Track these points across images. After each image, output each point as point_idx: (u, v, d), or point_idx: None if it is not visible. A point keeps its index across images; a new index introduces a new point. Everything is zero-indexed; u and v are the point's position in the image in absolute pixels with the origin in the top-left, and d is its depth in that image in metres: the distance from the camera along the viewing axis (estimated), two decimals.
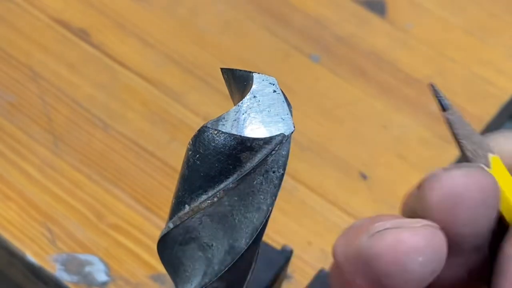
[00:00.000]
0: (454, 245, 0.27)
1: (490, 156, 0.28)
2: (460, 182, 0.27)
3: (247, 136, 0.29)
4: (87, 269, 0.51)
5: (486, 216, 0.27)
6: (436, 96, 0.28)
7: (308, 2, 0.68)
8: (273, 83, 0.30)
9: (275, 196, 0.29)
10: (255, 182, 0.29)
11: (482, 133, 0.62)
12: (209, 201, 0.29)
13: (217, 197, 0.29)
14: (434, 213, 0.27)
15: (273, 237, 0.54)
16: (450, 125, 0.28)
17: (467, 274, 0.30)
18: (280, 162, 0.29)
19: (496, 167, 0.28)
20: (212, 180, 0.29)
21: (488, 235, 0.28)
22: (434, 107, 0.64)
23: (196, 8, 0.66)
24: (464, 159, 0.28)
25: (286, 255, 0.51)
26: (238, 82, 0.30)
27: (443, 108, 0.28)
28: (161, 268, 0.51)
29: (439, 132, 0.62)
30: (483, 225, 0.27)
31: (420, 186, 0.27)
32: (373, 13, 0.69)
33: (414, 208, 0.28)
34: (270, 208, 0.29)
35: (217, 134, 0.29)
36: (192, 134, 0.29)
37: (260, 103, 0.29)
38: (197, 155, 0.29)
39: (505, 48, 0.68)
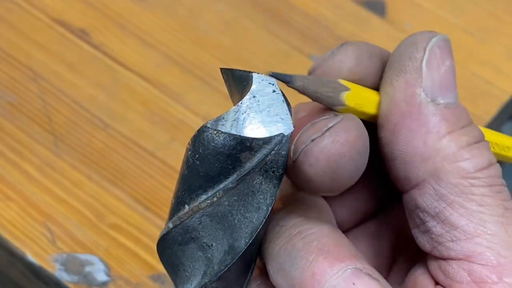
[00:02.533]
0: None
1: (341, 82, 0.30)
2: (332, 151, 0.28)
3: (247, 136, 0.29)
4: (87, 269, 0.51)
5: (364, 159, 0.29)
6: (279, 79, 0.30)
7: (308, 2, 0.68)
8: (273, 83, 0.30)
9: (275, 196, 0.29)
10: (254, 182, 0.29)
11: None
12: (208, 201, 0.29)
13: (217, 197, 0.29)
14: (317, 184, 0.29)
15: None
16: (301, 91, 0.30)
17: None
18: (280, 162, 0.29)
19: (351, 87, 0.30)
20: (211, 180, 0.29)
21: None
22: None
23: (196, 8, 0.66)
24: (328, 105, 0.30)
25: None
26: (238, 82, 0.30)
27: (287, 82, 0.29)
28: (161, 268, 0.51)
29: None
30: (363, 164, 0.29)
31: (296, 161, 0.29)
32: (373, 13, 0.69)
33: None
34: (270, 208, 0.29)
35: (217, 134, 0.29)
36: (192, 134, 0.29)
37: (259, 103, 0.29)
38: (197, 155, 0.29)
39: (505, 48, 0.68)
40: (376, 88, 0.31)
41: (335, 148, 0.28)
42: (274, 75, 0.29)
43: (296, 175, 0.29)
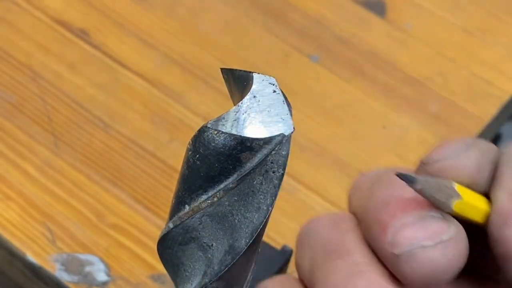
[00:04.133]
0: None
1: (455, 188, 0.29)
2: (438, 265, 0.28)
3: (247, 136, 0.29)
4: (87, 269, 0.51)
5: (457, 273, 0.29)
6: (403, 179, 0.29)
7: (308, 2, 0.68)
8: (273, 83, 0.30)
9: (275, 196, 0.29)
10: (255, 182, 0.29)
11: (481, 134, 0.62)
12: (209, 201, 0.29)
13: (217, 197, 0.29)
14: (407, 280, 0.28)
15: (273, 237, 0.54)
16: (421, 193, 0.29)
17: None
18: (280, 162, 0.29)
19: (463, 193, 0.29)
20: (212, 180, 0.29)
21: None
22: (434, 107, 0.64)
23: (196, 8, 0.66)
24: (438, 207, 0.29)
25: (286, 255, 0.51)
26: (238, 82, 0.30)
27: (409, 183, 0.29)
28: (161, 268, 0.51)
29: (439, 132, 0.62)
30: (455, 276, 0.29)
31: (398, 259, 0.28)
32: (373, 13, 0.69)
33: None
34: (270, 208, 0.29)
35: (217, 134, 0.29)
36: (192, 134, 0.29)
37: (260, 103, 0.29)
38: (197, 155, 0.29)
39: (505, 48, 0.68)
40: (485, 189, 0.30)
41: (442, 263, 0.28)
42: (400, 176, 0.29)
43: (390, 264, 0.29)
